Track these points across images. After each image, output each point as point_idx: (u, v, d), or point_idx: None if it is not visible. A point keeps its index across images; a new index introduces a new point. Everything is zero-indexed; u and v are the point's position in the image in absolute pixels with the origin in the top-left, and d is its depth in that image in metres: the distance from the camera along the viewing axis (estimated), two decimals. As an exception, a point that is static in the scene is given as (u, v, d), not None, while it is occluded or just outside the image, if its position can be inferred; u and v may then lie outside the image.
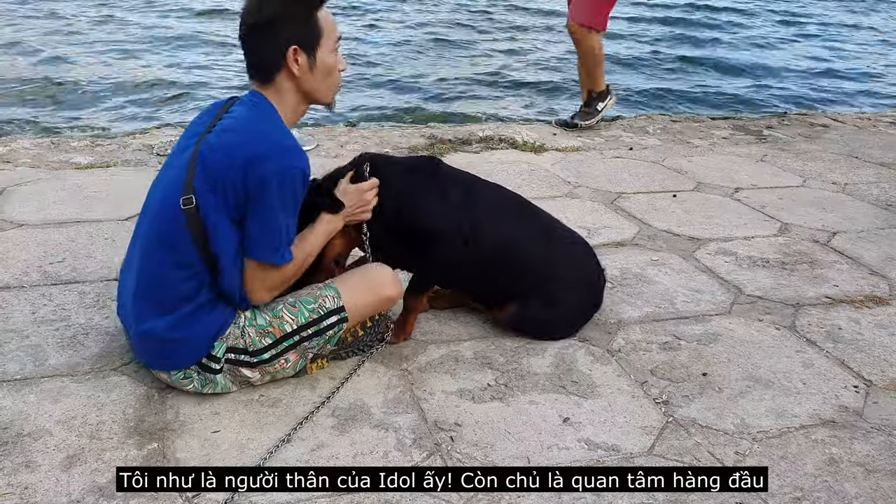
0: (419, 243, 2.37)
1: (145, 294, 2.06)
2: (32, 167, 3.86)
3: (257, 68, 2.08)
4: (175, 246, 2.01)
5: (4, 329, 2.40)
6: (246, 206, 1.98)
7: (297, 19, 2.03)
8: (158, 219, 2.04)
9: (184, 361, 2.08)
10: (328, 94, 2.16)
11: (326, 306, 2.18)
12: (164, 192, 2.05)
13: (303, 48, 2.04)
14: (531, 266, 2.50)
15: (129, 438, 1.96)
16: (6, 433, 1.95)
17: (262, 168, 1.94)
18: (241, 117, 2.07)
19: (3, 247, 2.95)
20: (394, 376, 2.30)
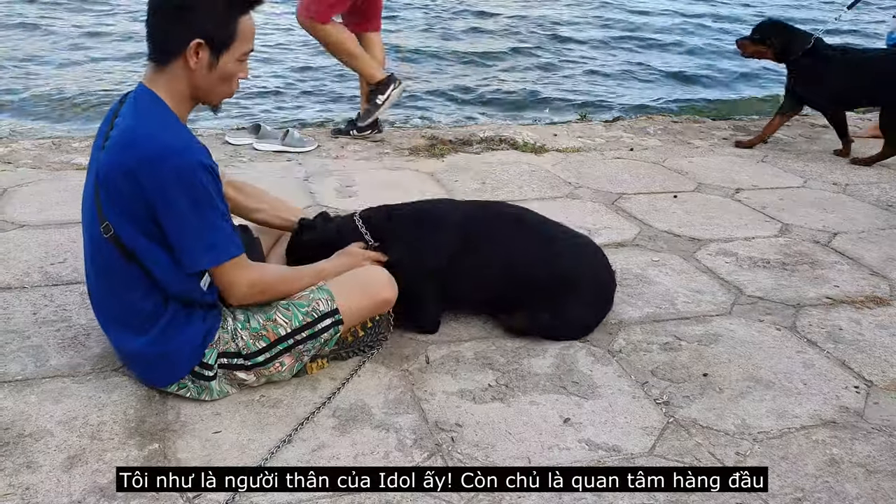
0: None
1: (115, 319, 2.06)
2: (34, 168, 3.86)
3: (156, 46, 1.96)
4: (116, 272, 1.98)
5: (5, 330, 2.41)
6: (157, 217, 1.89)
7: (214, 15, 1.92)
8: (94, 251, 2.02)
9: (175, 373, 2.07)
10: (217, 98, 2.05)
11: (320, 309, 2.17)
12: (87, 224, 2.02)
13: (209, 44, 1.92)
14: (537, 275, 2.49)
15: (130, 439, 1.96)
16: (7, 434, 1.95)
17: (155, 175, 1.85)
18: (125, 125, 1.93)
19: (5, 247, 2.95)
20: (395, 377, 2.30)
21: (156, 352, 2.03)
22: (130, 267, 1.96)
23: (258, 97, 6.63)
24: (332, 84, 7.10)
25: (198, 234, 1.91)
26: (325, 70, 7.43)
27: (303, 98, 6.75)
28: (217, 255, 1.95)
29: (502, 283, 2.49)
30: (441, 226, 2.51)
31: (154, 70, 1.98)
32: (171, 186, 1.85)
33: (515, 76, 7.78)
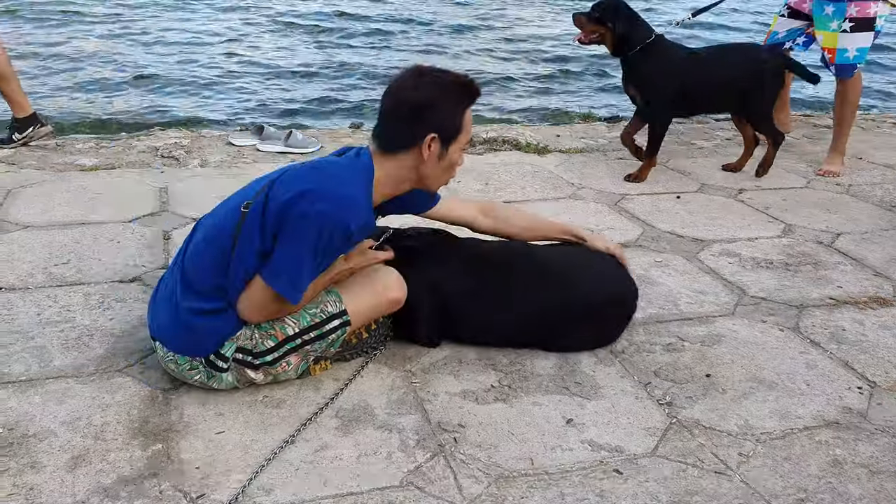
0: None
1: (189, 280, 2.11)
2: (38, 169, 3.87)
3: (387, 139, 2.11)
4: (220, 242, 2.08)
5: (10, 330, 2.41)
6: (279, 233, 1.99)
7: (447, 111, 2.08)
8: (225, 216, 2.11)
9: (192, 350, 2.10)
10: (439, 184, 2.22)
11: (328, 310, 2.18)
12: (242, 193, 2.15)
13: (441, 138, 2.07)
14: (553, 316, 2.45)
15: (133, 439, 1.97)
16: (12, 434, 1.96)
17: (305, 208, 1.96)
18: (329, 161, 2.15)
19: (9, 248, 2.96)
20: (397, 377, 2.30)
21: (196, 323, 2.08)
22: (228, 250, 2.04)
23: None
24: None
25: (298, 268, 2.01)
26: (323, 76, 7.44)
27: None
28: (293, 295, 2.03)
29: (518, 322, 2.45)
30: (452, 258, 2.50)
31: (381, 152, 2.12)
32: (307, 223, 1.97)
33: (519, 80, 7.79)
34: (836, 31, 4.19)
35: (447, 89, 2.10)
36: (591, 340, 2.49)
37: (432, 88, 2.08)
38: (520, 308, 2.43)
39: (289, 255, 2.00)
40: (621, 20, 3.96)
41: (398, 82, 2.11)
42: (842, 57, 4.21)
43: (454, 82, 2.11)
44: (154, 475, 1.85)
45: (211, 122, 5.86)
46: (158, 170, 3.96)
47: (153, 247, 3.04)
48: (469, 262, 2.47)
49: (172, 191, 3.65)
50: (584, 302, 2.47)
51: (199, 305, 2.08)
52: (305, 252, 1.99)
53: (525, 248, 2.64)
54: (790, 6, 4.47)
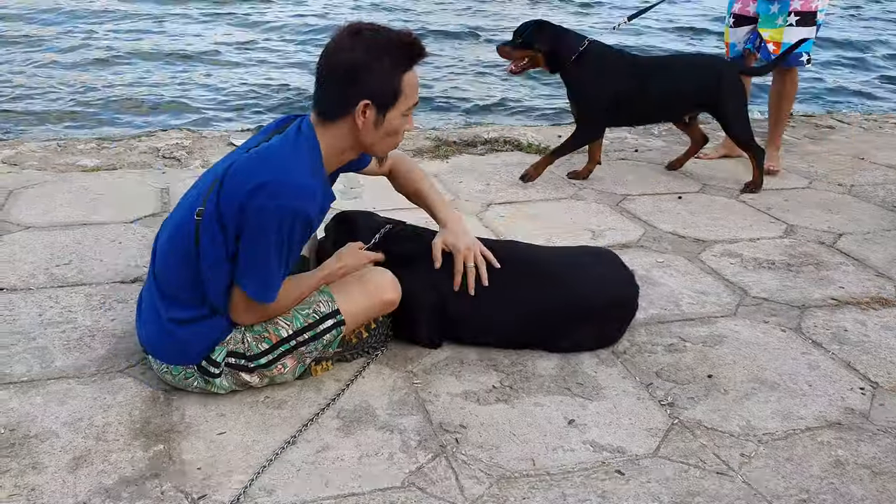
0: None
1: (164, 290, 2.09)
2: (39, 169, 3.88)
3: (323, 106, 2.03)
4: (182, 253, 2.04)
5: (11, 331, 2.41)
6: (241, 235, 1.96)
7: (380, 75, 1.96)
8: (179, 224, 2.07)
9: (179, 359, 2.09)
10: (384, 151, 2.14)
11: (321, 311, 2.17)
12: (189, 199, 2.09)
13: (375, 104, 1.97)
14: (552, 315, 2.43)
15: (135, 440, 1.97)
16: (13, 435, 1.96)
17: (260, 203, 1.91)
18: (274, 147, 2.02)
19: (10, 249, 2.96)
20: (399, 378, 2.30)
21: (177, 332, 2.06)
22: (193, 257, 2.01)
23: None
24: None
25: (263, 268, 1.98)
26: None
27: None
28: (264, 295, 2.02)
29: (518, 323, 2.44)
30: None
31: (320, 121, 2.04)
32: (267, 219, 1.92)
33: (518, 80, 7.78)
34: (783, 26, 4.17)
35: (383, 50, 1.95)
36: (592, 341, 2.49)
37: (367, 49, 1.94)
38: (520, 308, 2.43)
39: (253, 256, 1.97)
40: (544, 39, 3.84)
41: (333, 44, 1.99)
42: (787, 47, 4.15)
43: (391, 41, 1.97)
44: (156, 476, 1.85)
45: (212, 122, 5.86)
46: (160, 170, 3.96)
47: (155, 247, 3.04)
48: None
49: (174, 191, 3.65)
50: (584, 302, 2.46)
51: (181, 315, 2.06)
52: (269, 250, 1.96)
53: (525, 248, 2.63)
54: (734, 14, 4.38)
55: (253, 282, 1.99)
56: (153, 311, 2.11)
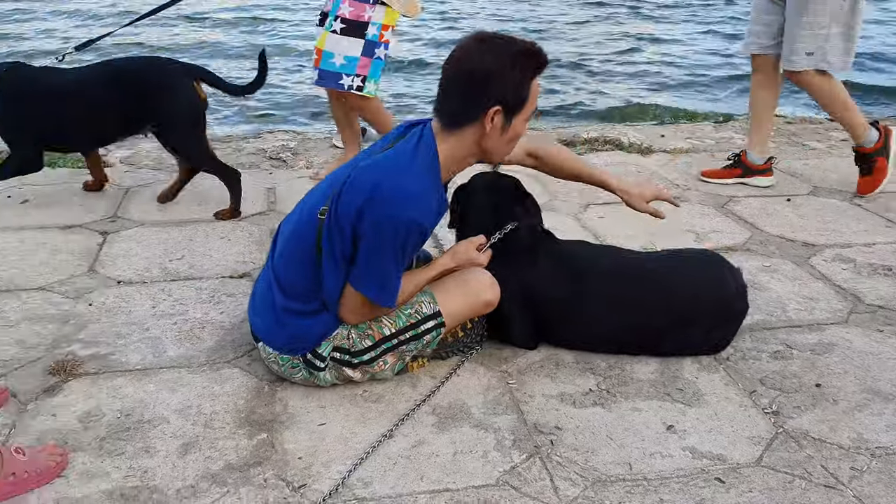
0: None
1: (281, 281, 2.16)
2: (154, 169, 4.08)
3: (449, 113, 2.05)
4: (303, 249, 2.11)
5: (127, 322, 2.55)
6: (359, 239, 2.01)
7: (514, 81, 1.99)
8: (303, 221, 2.14)
9: (289, 348, 2.16)
10: (501, 156, 2.17)
11: (423, 311, 2.21)
12: (313, 198, 2.17)
13: (504, 110, 2.00)
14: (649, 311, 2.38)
15: (240, 429, 2.04)
16: (129, 419, 2.07)
17: (376, 213, 1.97)
18: (394, 155, 2.07)
19: (127, 245, 3.13)
20: (493, 378, 2.30)
21: (291, 322, 2.14)
22: (312, 254, 2.09)
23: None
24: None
25: (382, 272, 2.04)
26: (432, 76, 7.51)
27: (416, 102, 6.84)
28: (385, 298, 2.07)
29: (618, 327, 2.40)
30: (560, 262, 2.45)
31: (443, 128, 2.06)
32: (384, 227, 1.98)
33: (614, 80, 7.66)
34: (328, 30, 3.50)
35: (513, 58, 1.98)
36: (697, 347, 2.42)
37: (497, 57, 1.97)
38: (620, 312, 2.39)
39: (372, 261, 2.02)
40: None
41: (460, 51, 2.02)
42: (326, 62, 3.51)
43: (521, 50, 2.00)
44: (259, 464, 1.92)
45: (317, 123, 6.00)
46: (267, 171, 4.10)
47: (261, 244, 3.15)
48: (566, 264, 2.45)
49: (280, 191, 3.77)
50: (689, 307, 2.40)
51: (295, 306, 2.14)
52: (387, 256, 2.01)
53: (624, 251, 2.59)
54: (323, 12, 3.68)
55: (372, 287, 2.05)
56: (269, 301, 2.19)
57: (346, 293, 2.10)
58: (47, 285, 2.78)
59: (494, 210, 2.47)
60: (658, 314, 2.38)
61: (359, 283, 2.06)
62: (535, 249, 2.45)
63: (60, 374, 2.24)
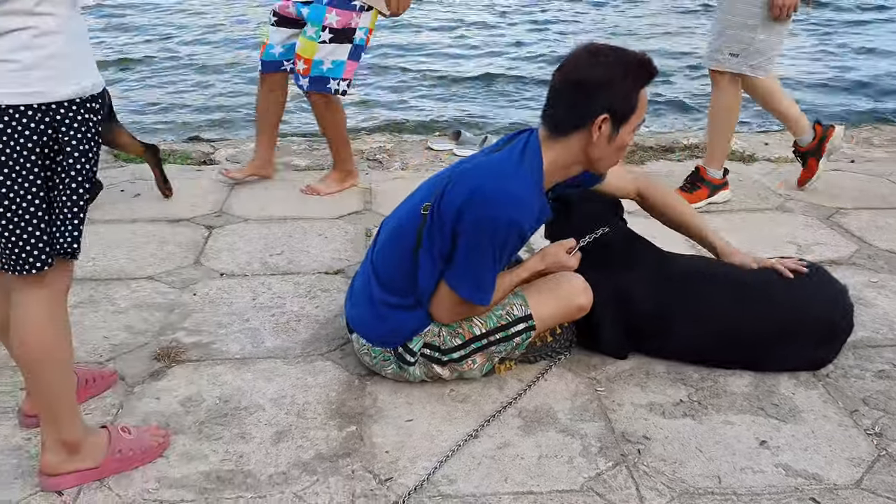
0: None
1: (379, 275, 2.23)
2: (258, 168, 4.22)
3: (556, 120, 2.07)
4: (402, 242, 2.17)
5: (228, 312, 2.66)
6: (458, 238, 2.05)
7: (623, 90, 2.01)
8: (406, 217, 2.21)
9: (382, 340, 2.21)
10: (608, 166, 2.16)
11: (514, 313, 2.21)
12: (422, 193, 2.22)
13: (613, 119, 2.01)
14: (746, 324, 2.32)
15: (331, 420, 2.10)
16: (227, 406, 2.16)
17: (476, 212, 2.01)
18: (499, 158, 2.11)
19: (231, 239, 3.26)
20: (581, 384, 2.29)
21: (388, 315, 2.19)
22: (411, 250, 2.14)
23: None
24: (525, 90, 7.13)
25: (480, 271, 2.08)
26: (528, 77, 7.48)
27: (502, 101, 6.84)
28: (481, 298, 2.10)
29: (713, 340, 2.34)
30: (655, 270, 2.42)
31: (549, 135, 2.08)
32: (483, 226, 2.01)
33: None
34: (315, 40, 3.44)
35: (624, 67, 2.00)
36: (797, 363, 2.34)
37: (608, 66, 2.00)
38: (715, 325, 2.33)
39: (469, 260, 2.05)
40: None
41: (571, 60, 2.05)
42: (317, 68, 3.48)
43: (631, 60, 2.02)
44: (347, 455, 1.97)
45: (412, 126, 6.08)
46: (364, 171, 4.19)
47: (356, 242, 3.23)
48: (660, 273, 2.40)
49: (376, 191, 3.85)
50: (789, 321, 2.32)
51: (392, 300, 2.19)
52: (485, 256, 2.04)
53: (719, 260, 2.52)
54: (276, 12, 3.61)
55: (467, 285, 2.08)
56: (367, 294, 2.25)
57: (440, 292, 2.13)
58: (155, 275, 2.93)
59: (587, 216, 2.45)
60: (756, 329, 2.31)
61: (455, 282, 2.09)
62: (629, 254, 2.43)
63: (165, 359, 2.36)
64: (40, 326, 1.72)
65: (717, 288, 2.38)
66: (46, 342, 1.74)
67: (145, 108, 6.38)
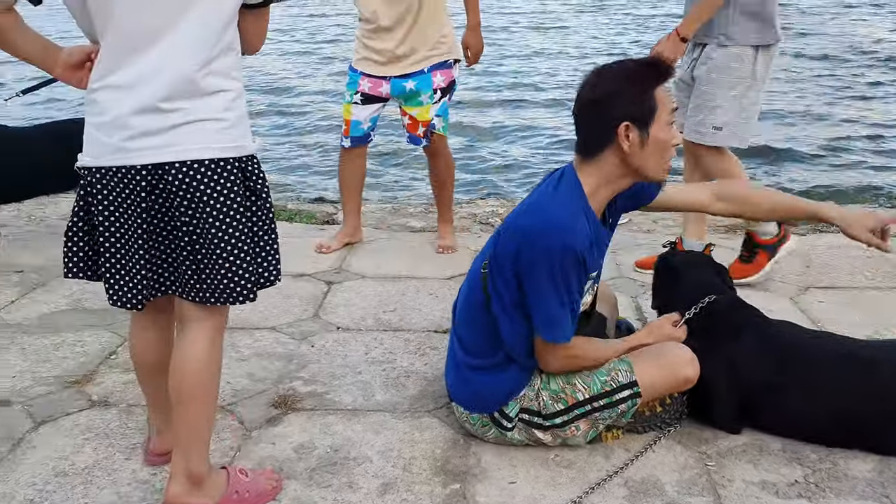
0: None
1: (460, 335, 2.29)
2: (376, 228, 4.39)
3: (585, 143, 2.11)
4: (474, 303, 2.22)
5: (343, 364, 2.76)
6: (522, 282, 2.08)
7: (631, 95, 2.02)
8: (472, 277, 2.28)
9: (478, 406, 2.23)
10: (659, 170, 2.10)
11: (619, 380, 2.20)
12: (482, 254, 2.29)
13: (635, 123, 2.02)
14: (866, 400, 2.23)
15: (435, 476, 2.14)
16: (337, 455, 2.24)
17: (529, 247, 2.04)
18: (536, 196, 2.18)
19: (347, 295, 3.39)
20: (690, 457, 2.24)
21: (473, 378, 2.23)
22: (484, 307, 2.19)
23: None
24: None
25: (545, 309, 2.08)
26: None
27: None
28: (551, 335, 2.10)
29: (832, 418, 2.25)
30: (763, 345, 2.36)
31: (582, 160, 2.12)
32: (540, 261, 2.04)
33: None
34: (430, 104, 3.71)
35: (628, 74, 2.03)
36: None
37: (613, 78, 2.03)
38: (835, 403, 2.24)
39: (537, 301, 2.06)
40: None
41: (582, 86, 2.08)
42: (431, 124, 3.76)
43: (635, 66, 2.05)
44: (450, 512, 1.99)
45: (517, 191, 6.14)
46: (476, 234, 4.28)
47: (466, 303, 3.29)
48: (770, 343, 2.34)
49: (487, 254, 3.91)
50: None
51: (475, 362, 2.22)
52: (549, 292, 2.03)
53: (842, 338, 2.42)
54: (364, 93, 3.76)
55: (543, 327, 2.09)
56: (454, 359, 2.31)
57: (535, 342, 2.14)
58: (277, 326, 3.08)
59: (692, 284, 2.43)
60: (874, 407, 2.20)
61: (544, 333, 2.09)
62: (738, 324, 2.38)
63: (282, 407, 2.47)
64: (202, 362, 1.88)
65: (830, 362, 2.29)
66: (204, 377, 1.89)
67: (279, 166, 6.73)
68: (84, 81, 1.82)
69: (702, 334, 2.31)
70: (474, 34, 3.73)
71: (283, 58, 11.59)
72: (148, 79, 1.70)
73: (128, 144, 1.72)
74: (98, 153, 1.76)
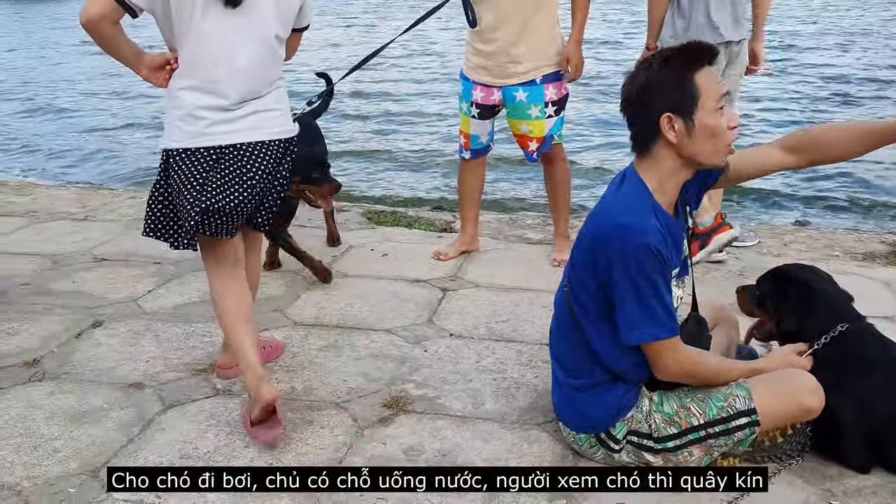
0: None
1: (558, 356, 2.29)
2: (493, 238, 4.40)
3: (635, 140, 2.09)
4: (564, 323, 2.22)
5: (454, 371, 2.79)
6: (609, 292, 2.05)
7: (669, 84, 1.98)
8: (559, 299, 2.28)
9: (584, 426, 2.21)
10: (715, 156, 2.03)
11: (736, 406, 2.12)
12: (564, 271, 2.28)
13: (677, 114, 1.98)
14: None
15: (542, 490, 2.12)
16: (445, 459, 2.26)
17: (605, 251, 2.02)
18: (602, 202, 2.16)
19: (462, 303, 3.42)
20: (813, 494, 2.13)
21: (576, 398, 2.21)
22: (572, 325, 2.18)
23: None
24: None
25: (627, 310, 2.04)
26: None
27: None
28: (638, 335, 2.05)
29: None
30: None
31: (639, 159, 2.12)
32: (616, 264, 2.01)
33: None
34: (543, 118, 3.67)
35: (662, 63, 1.99)
36: None
37: (647, 72, 2.00)
38: None
39: (628, 304, 2.02)
40: None
41: (623, 88, 2.07)
42: (547, 139, 3.73)
43: (670, 54, 2.00)
44: (556, 527, 1.97)
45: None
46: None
47: (581, 318, 3.26)
48: None
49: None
50: None
51: (574, 381, 2.20)
52: (628, 291, 2.00)
53: None
54: (478, 104, 3.72)
55: (643, 328, 2.03)
56: (556, 379, 2.29)
57: (645, 352, 2.09)
58: (393, 329, 3.14)
59: (818, 310, 2.31)
60: None
61: (637, 334, 2.04)
62: (869, 355, 2.24)
63: (393, 408, 2.52)
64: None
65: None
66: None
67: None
68: (162, 80, 2.30)
69: (829, 364, 2.19)
70: (577, 49, 3.68)
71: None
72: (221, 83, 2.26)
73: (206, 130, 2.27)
74: (180, 138, 2.28)
